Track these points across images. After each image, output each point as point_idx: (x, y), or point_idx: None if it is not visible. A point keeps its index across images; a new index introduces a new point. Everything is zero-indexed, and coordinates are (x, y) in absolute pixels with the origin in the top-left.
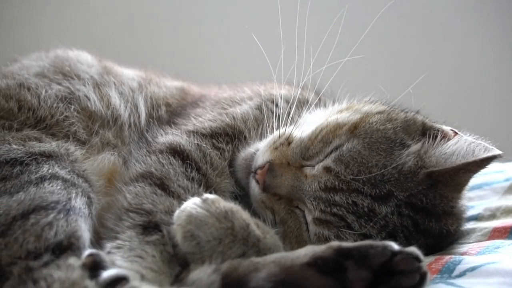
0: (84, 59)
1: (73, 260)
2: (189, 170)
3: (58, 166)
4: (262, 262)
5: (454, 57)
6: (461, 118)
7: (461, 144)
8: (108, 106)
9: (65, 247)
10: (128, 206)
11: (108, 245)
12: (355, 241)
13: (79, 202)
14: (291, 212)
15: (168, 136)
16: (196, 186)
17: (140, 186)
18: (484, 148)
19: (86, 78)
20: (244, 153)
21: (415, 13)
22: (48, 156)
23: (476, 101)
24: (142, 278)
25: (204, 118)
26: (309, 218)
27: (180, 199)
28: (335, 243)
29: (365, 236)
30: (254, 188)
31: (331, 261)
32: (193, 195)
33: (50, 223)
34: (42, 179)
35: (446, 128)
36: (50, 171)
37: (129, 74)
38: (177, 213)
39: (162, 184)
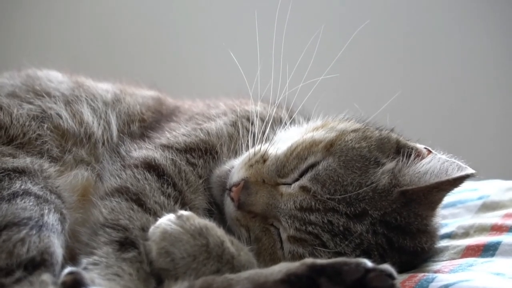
0: (54, 77)
1: (46, 277)
2: (165, 186)
3: (31, 182)
4: (236, 278)
5: (428, 75)
6: (435, 136)
7: (435, 163)
8: (80, 123)
9: (38, 263)
10: (104, 221)
11: (84, 261)
12: (329, 259)
13: (51, 218)
14: (265, 230)
15: (142, 151)
16: (172, 203)
17: (116, 201)
18: (457, 167)
19: (57, 95)
20: (219, 171)
21: (389, 33)
22: (21, 172)
23: (450, 119)
24: None
25: (178, 133)
26: (283, 236)
27: (156, 216)
28: (308, 260)
29: (339, 254)
30: (229, 205)
31: (305, 278)
32: (168, 212)
33: (22, 239)
34: (14, 195)
35: (420, 146)
36: (22, 187)
37: (103, 87)
38: (152, 229)
39: (138, 200)
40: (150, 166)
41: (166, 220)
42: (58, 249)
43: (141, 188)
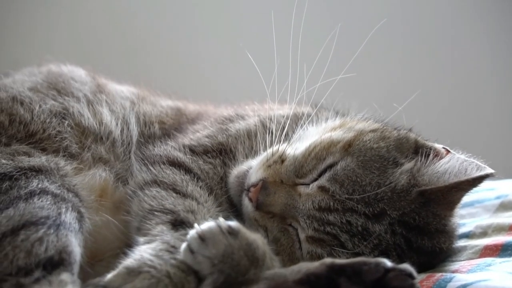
0: (78, 76)
1: (65, 276)
2: (195, 179)
3: (48, 181)
4: (256, 278)
5: (447, 74)
6: (454, 136)
7: (454, 162)
8: (100, 122)
9: (57, 262)
10: (150, 207)
11: (141, 239)
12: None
13: (69, 217)
14: (284, 230)
15: (168, 148)
16: (206, 193)
17: (156, 191)
18: (476, 166)
19: (80, 96)
20: (237, 171)
21: (407, 31)
22: (38, 171)
23: (468, 118)
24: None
25: (202, 134)
26: (302, 236)
27: (198, 202)
28: (328, 260)
29: (358, 255)
30: (247, 206)
31: (324, 278)
32: (206, 202)
33: (40, 238)
34: (31, 194)
35: (439, 146)
36: (39, 186)
37: (123, 91)
38: (202, 246)
39: (175, 189)
40: (175, 163)
41: (220, 236)
42: (76, 248)
43: (173, 180)
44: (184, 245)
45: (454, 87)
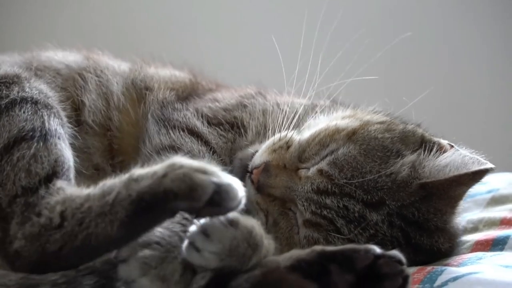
0: (61, 54)
1: (64, 184)
2: (211, 152)
3: (29, 87)
4: (254, 267)
5: (458, 71)
6: (461, 133)
7: (456, 157)
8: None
9: (53, 173)
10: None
11: None
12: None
13: (53, 124)
14: (284, 214)
15: (188, 115)
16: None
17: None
18: (477, 161)
19: (61, 67)
20: (241, 154)
21: (421, 28)
22: (19, 77)
23: (475, 115)
24: None
25: (220, 105)
26: (300, 220)
27: None
28: (318, 247)
29: (353, 243)
30: (250, 188)
31: (315, 264)
32: None
33: (34, 155)
34: (12, 104)
35: (444, 142)
36: (20, 94)
37: (120, 65)
38: (207, 242)
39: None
40: (193, 133)
41: (223, 228)
42: (66, 153)
43: (190, 148)
44: (186, 243)
45: (467, 83)
